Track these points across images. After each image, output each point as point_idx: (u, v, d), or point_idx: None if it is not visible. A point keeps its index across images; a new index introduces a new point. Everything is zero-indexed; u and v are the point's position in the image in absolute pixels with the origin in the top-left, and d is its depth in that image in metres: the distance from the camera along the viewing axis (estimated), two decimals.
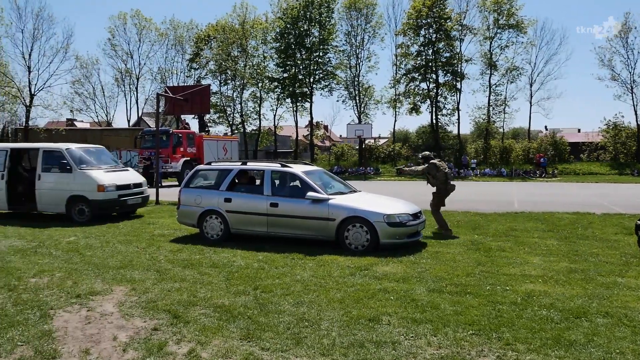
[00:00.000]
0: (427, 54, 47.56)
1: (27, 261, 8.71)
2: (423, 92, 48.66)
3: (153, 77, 56.75)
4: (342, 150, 54.25)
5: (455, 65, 47.22)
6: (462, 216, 13.96)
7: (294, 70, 50.13)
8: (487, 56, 46.56)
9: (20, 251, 9.60)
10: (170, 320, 5.66)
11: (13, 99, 44.63)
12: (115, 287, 7.04)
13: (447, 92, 48.48)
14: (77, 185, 13.46)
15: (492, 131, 49.33)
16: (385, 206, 9.68)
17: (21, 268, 8.18)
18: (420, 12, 46.03)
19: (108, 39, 55.06)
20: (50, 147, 14.18)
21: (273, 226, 10.05)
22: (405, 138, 72.50)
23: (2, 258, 8.97)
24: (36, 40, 46.41)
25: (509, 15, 45.35)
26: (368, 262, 8.31)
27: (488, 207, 16.16)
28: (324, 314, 5.83)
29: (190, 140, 28.24)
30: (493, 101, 47.70)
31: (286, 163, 10.88)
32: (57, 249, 9.82)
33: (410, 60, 48.52)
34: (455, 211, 15.00)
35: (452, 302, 6.19)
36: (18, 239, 10.89)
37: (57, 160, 13.80)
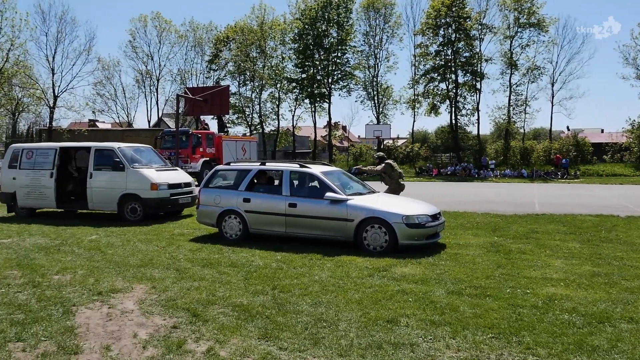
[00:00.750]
0: (447, 54, 47.22)
1: (51, 258, 8.85)
2: (442, 92, 48.34)
3: (173, 79, 57.35)
4: (360, 150, 54.12)
5: (475, 65, 46.82)
6: (481, 217, 13.84)
7: (312, 70, 50.18)
8: (507, 55, 46.08)
9: (44, 249, 9.76)
10: (189, 319, 5.70)
11: (37, 101, 45.46)
12: (136, 285, 7.12)
13: (466, 92, 48.07)
14: (130, 184, 13.61)
15: (512, 131, 48.78)
16: (404, 207, 9.64)
17: (45, 265, 8.31)
18: (439, 11, 45.73)
19: (129, 41, 55.74)
20: (103, 146, 14.40)
21: (291, 226, 10.07)
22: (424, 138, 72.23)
23: (26, 255, 9.13)
24: (60, 43, 47.18)
25: (530, 13, 44.83)
26: (386, 263, 8.28)
27: (508, 209, 16.00)
28: (342, 314, 5.82)
29: (210, 141, 28.41)
30: (513, 101, 47.19)
31: (305, 163, 10.90)
32: (79, 247, 9.96)
33: (429, 60, 48.23)
34: (474, 212, 14.88)
35: (471, 304, 6.14)
36: (42, 237, 11.06)
37: (109, 159, 13.95)
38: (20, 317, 5.75)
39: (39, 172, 14.51)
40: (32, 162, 14.68)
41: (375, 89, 49.91)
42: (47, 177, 14.37)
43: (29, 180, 14.53)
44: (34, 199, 14.61)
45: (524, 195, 22.51)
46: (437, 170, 43.37)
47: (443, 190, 26.02)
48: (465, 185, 31.38)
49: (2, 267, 8.23)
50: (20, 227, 12.49)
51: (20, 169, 14.75)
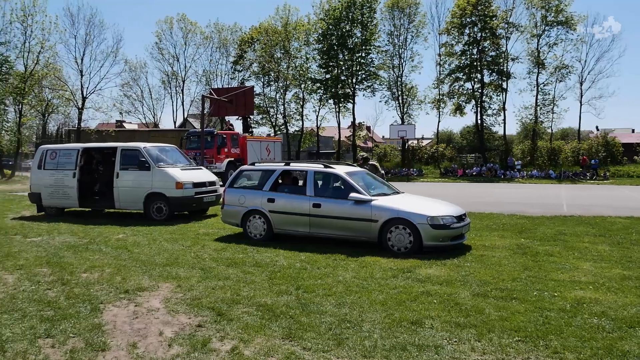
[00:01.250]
0: (472, 53, 46.71)
1: (79, 257, 9.01)
2: (467, 92, 47.84)
3: (198, 80, 57.89)
4: (384, 151, 53.86)
5: (501, 64, 46.24)
6: (507, 219, 13.66)
7: (337, 71, 50.13)
8: (534, 54, 45.39)
9: (72, 247, 9.93)
10: (214, 318, 5.75)
11: (66, 102, 46.43)
12: (162, 284, 7.20)
13: (492, 92, 47.49)
14: (155, 183, 13.81)
15: (539, 132, 48.02)
16: (429, 208, 9.58)
17: (73, 263, 8.46)
18: (464, 10, 45.28)
19: (155, 43, 56.60)
20: (128, 146, 14.63)
21: (315, 227, 10.08)
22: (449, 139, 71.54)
23: (55, 253, 9.31)
24: (88, 45, 47.97)
25: (558, 11, 44.08)
26: (411, 265, 8.23)
27: (535, 210, 15.76)
28: (366, 315, 5.80)
29: (234, 141, 28.59)
30: (541, 101, 46.43)
31: (329, 164, 10.90)
32: (106, 245, 10.11)
33: (454, 59, 47.79)
34: (500, 214, 14.70)
35: (497, 307, 6.07)
36: (70, 236, 11.26)
37: (135, 159, 14.16)
38: (50, 314, 5.87)
39: (62, 172, 14.78)
40: (56, 162, 14.97)
41: (400, 89, 49.62)
42: (69, 177, 14.62)
43: (52, 180, 14.80)
44: (58, 198, 14.88)
45: (551, 197, 22.16)
46: (462, 171, 42.97)
47: (468, 191, 25.77)
48: (491, 186, 31.03)
49: (32, 264, 8.40)
50: (49, 225, 12.74)
51: (45, 169, 15.05)
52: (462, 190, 26.44)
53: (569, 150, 45.94)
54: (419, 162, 49.98)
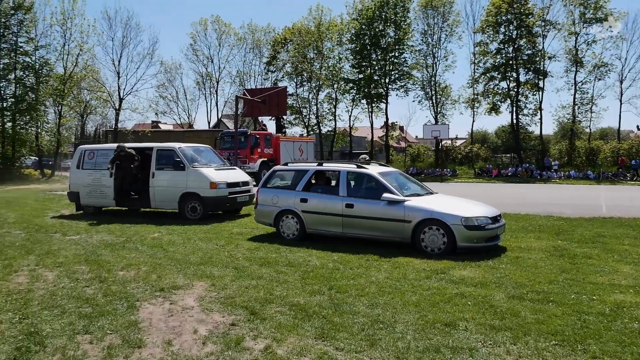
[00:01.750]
0: (507, 52, 45.90)
1: (116, 255, 9.20)
2: (503, 91, 47.02)
3: (232, 80, 58.46)
4: (417, 151, 53.42)
5: (538, 62, 45.31)
6: (544, 220, 13.40)
7: (370, 71, 49.95)
8: (572, 53, 44.33)
9: (109, 245, 10.15)
10: (247, 317, 5.80)
11: (104, 103, 47.55)
12: (196, 282, 7.30)
13: (528, 91, 46.59)
14: (190, 183, 14.02)
15: (577, 131, 46.90)
16: (463, 209, 9.47)
17: (110, 261, 8.65)
18: (500, 8, 44.52)
19: (190, 44, 57.43)
20: (164, 146, 14.91)
21: (348, 227, 10.07)
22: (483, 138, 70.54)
23: (93, 251, 9.53)
24: (125, 48, 49.11)
25: (597, 8, 42.96)
26: (444, 266, 8.16)
27: (573, 211, 15.40)
28: (399, 316, 5.77)
29: (268, 141, 28.77)
30: (579, 100, 45.30)
31: (362, 164, 10.87)
32: (142, 244, 10.30)
33: (489, 58, 47.05)
34: (537, 215, 14.42)
35: (533, 310, 5.96)
36: (108, 234, 11.51)
37: (170, 159, 14.41)
38: (88, 311, 6.01)
39: (99, 172, 15.10)
40: (93, 162, 15.31)
41: (433, 88, 49.13)
42: (107, 176, 14.92)
43: (90, 180, 15.14)
44: (95, 197, 15.22)
45: (590, 198, 21.64)
46: (497, 171, 42.30)
47: (504, 191, 25.36)
48: (527, 186, 30.48)
49: (71, 262, 8.62)
50: (88, 224, 13.06)
51: (83, 169, 15.41)
52: (497, 190, 26.05)
53: (608, 151, 44.72)
54: (453, 162, 49.42)
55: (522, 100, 46.89)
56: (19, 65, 37.61)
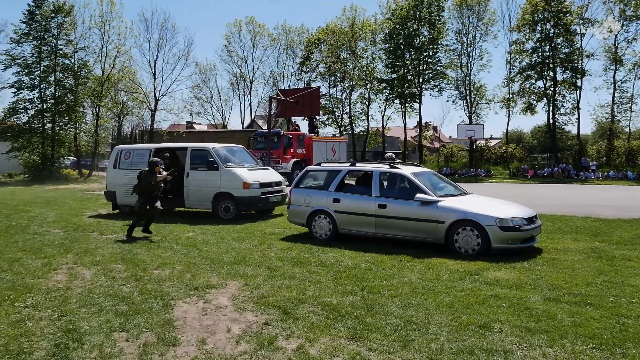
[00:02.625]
0: (544, 51, 44.96)
1: (152, 254, 9.36)
2: (539, 90, 46.10)
3: (265, 81, 58.94)
4: (451, 151, 52.83)
5: (575, 61, 44.31)
6: (581, 221, 13.09)
7: (403, 70, 49.61)
8: (611, 51, 43.20)
9: (145, 244, 10.34)
10: (280, 316, 5.83)
11: (140, 104, 48.29)
12: (229, 282, 7.37)
13: (565, 90, 45.58)
14: (224, 183, 14.17)
15: (616, 131, 45.67)
16: (498, 209, 9.34)
17: (146, 260, 8.81)
18: (536, 6, 43.68)
19: (224, 45, 57.91)
20: (198, 146, 15.10)
21: (381, 227, 10.03)
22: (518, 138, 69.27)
23: (130, 250, 9.72)
24: (161, 49, 49.87)
25: (638, 5, 41.79)
26: (478, 267, 8.05)
27: (611, 213, 15.01)
28: (432, 317, 5.72)
29: (300, 142, 28.88)
30: (618, 99, 44.05)
31: (395, 164, 10.82)
32: (177, 243, 10.46)
33: (525, 57, 46.22)
34: (574, 216, 14.10)
35: (570, 312, 5.83)
36: (143, 234, 11.71)
37: (204, 159, 14.58)
38: (124, 309, 6.13)
39: (135, 172, 15.18)
40: (130, 162, 15.54)
41: (468, 88, 48.50)
42: None
43: (127, 180, 15.22)
44: (131, 197, 15.34)
45: (629, 199, 21.05)
46: (533, 172, 41.50)
47: (539, 192, 24.89)
48: (563, 187, 29.83)
49: (108, 261, 8.81)
50: (124, 223, 13.28)
51: (119, 168, 15.67)
52: (532, 191, 25.57)
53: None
54: (487, 162, 48.71)
55: (559, 100, 45.91)
56: (58, 67, 38.49)
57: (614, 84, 43.72)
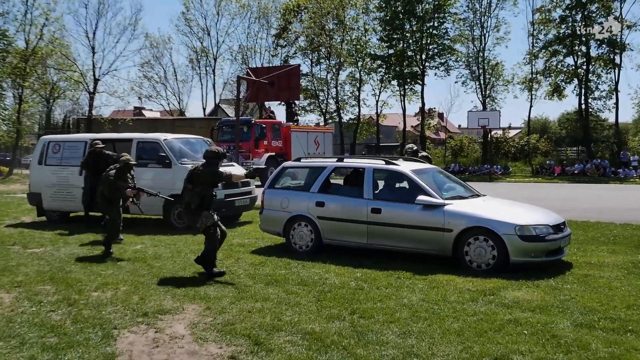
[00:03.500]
0: (575, 20, 45.52)
1: (89, 272, 9.28)
2: (569, 69, 46.64)
3: (233, 57, 58.82)
4: (461, 143, 53.24)
5: (614, 33, 44.79)
6: (621, 229, 13.26)
7: (402, 45, 49.84)
8: None
9: (81, 260, 10.25)
10: (250, 347, 5.81)
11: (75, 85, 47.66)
12: (187, 305, 7.33)
13: (601, 68, 46.10)
14: (178, 183, 13.88)
15: None
16: (518, 215, 9.41)
17: (82, 280, 8.71)
18: None
19: (182, 13, 57.55)
20: (146, 137, 15.03)
21: (374, 237, 10.05)
22: (543, 128, 70.07)
23: (61, 267, 9.62)
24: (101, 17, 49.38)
25: None
26: (494, 286, 8.11)
27: None
28: (438, 348, 5.75)
29: (276, 132, 28.91)
30: None
31: (391, 160, 10.85)
32: (121, 258, 10.38)
33: (551, 28, 46.70)
34: (611, 223, 14.28)
35: (606, 341, 5.89)
36: (79, 247, 11.62)
37: (153, 153, 14.34)
38: (54, 341, 6.05)
39: (66, 169, 15.08)
40: (59, 157, 15.33)
41: (481, 66, 48.88)
42: (75, 174, 14.84)
43: (55, 179, 15.12)
44: (61, 200, 15.21)
45: None
46: (560, 169, 41.99)
47: (569, 193, 25.16)
48: (598, 187, 30.19)
49: (33, 281, 8.70)
50: (54, 234, 13.17)
51: (46, 165, 15.45)
52: (560, 192, 25.84)
53: None
54: (505, 157, 49.10)
55: (593, 80, 46.43)
56: None
57: None
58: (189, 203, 8.89)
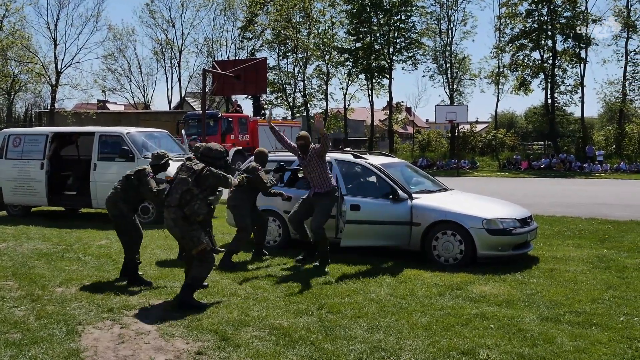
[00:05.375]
0: (541, 14, 45.98)
1: (53, 267, 9.16)
2: (535, 63, 47.13)
3: (199, 50, 58.09)
4: (428, 137, 53.63)
5: (579, 27, 45.34)
6: (586, 224, 13.49)
7: (369, 38, 49.94)
8: (623, 14, 44.38)
9: (45, 255, 10.10)
10: (217, 343, 5.80)
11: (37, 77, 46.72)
12: (154, 301, 7.29)
13: (567, 62, 46.64)
14: None
15: (628, 113, 47.01)
16: (485, 209, 9.52)
17: (46, 275, 8.60)
18: None
19: (146, 4, 56.79)
20: (109, 131, 14.83)
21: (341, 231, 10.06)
22: (510, 122, 71.09)
23: (24, 263, 9.47)
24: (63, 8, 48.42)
25: None
26: (461, 280, 8.19)
27: (622, 213, 15.52)
28: (405, 342, 5.79)
29: (243, 126, 28.77)
30: (630, 73, 45.24)
31: (359, 154, 10.86)
32: (86, 253, 10.26)
33: (518, 22, 47.15)
34: (576, 217, 14.52)
35: (572, 335, 6.00)
36: (42, 242, 11.45)
37: (116, 147, 14.18)
38: (17, 337, 5.97)
39: (27, 163, 14.86)
40: (20, 150, 15.08)
41: (449, 60, 49.25)
42: (37, 168, 14.70)
43: (16, 173, 14.87)
44: (22, 194, 15.00)
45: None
46: (527, 163, 42.56)
47: (535, 188, 25.52)
48: (564, 182, 30.68)
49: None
50: (16, 229, 12.96)
51: (6, 158, 15.19)
52: (527, 187, 26.20)
53: None
54: (472, 152, 49.58)
55: (559, 75, 46.99)
56: None
57: (625, 55, 44.75)
58: (193, 214, 7.04)
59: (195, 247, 7.02)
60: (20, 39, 43.42)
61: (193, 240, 7.03)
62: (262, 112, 33.91)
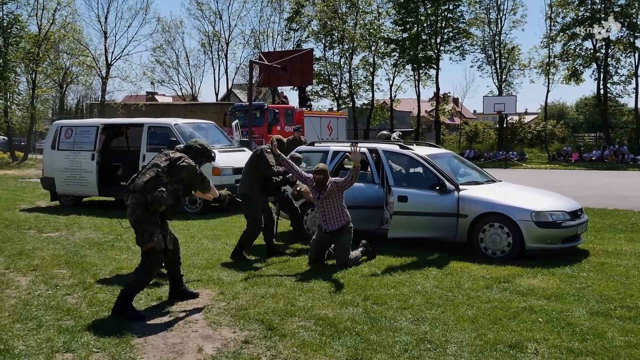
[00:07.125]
0: (594, 2, 44.98)
1: (104, 256, 9.37)
2: (587, 52, 46.16)
3: (245, 42, 58.56)
4: (476, 129, 52.99)
5: (635, 15, 44.19)
6: (638, 217, 13.18)
7: (417, 28, 49.46)
8: None
9: (96, 245, 10.35)
10: (263, 332, 5.86)
11: (88, 70, 47.72)
12: (201, 290, 7.39)
13: (621, 52, 45.56)
14: None
15: None
16: (534, 201, 9.39)
17: (97, 264, 8.81)
18: None
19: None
20: (157, 122, 15.20)
21: (388, 222, 10.04)
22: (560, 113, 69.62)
23: (76, 252, 9.71)
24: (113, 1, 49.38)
25: None
26: (509, 273, 8.10)
27: None
28: (451, 334, 5.77)
29: (289, 117, 28.83)
30: None
31: (406, 144, 10.82)
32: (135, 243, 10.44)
33: (570, 11, 46.17)
34: (629, 210, 14.20)
35: (623, 330, 5.89)
36: (94, 231, 11.72)
37: (164, 138, 14.37)
38: (70, 324, 6.13)
39: (78, 154, 15.19)
40: (72, 141, 15.43)
41: (497, 50, 48.54)
42: (88, 159, 14.99)
43: (68, 163, 15.22)
44: (74, 185, 15.34)
45: None
46: (577, 155, 41.71)
47: (586, 180, 25.02)
48: (616, 174, 29.98)
49: (49, 264, 8.80)
50: (68, 218, 13.28)
51: (59, 149, 15.57)
52: (577, 179, 25.71)
53: None
54: (521, 143, 48.84)
55: (612, 65, 45.92)
56: None
57: None
58: (155, 202, 6.50)
59: (145, 244, 6.55)
60: (72, 32, 44.43)
61: (144, 235, 6.53)
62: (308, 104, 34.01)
